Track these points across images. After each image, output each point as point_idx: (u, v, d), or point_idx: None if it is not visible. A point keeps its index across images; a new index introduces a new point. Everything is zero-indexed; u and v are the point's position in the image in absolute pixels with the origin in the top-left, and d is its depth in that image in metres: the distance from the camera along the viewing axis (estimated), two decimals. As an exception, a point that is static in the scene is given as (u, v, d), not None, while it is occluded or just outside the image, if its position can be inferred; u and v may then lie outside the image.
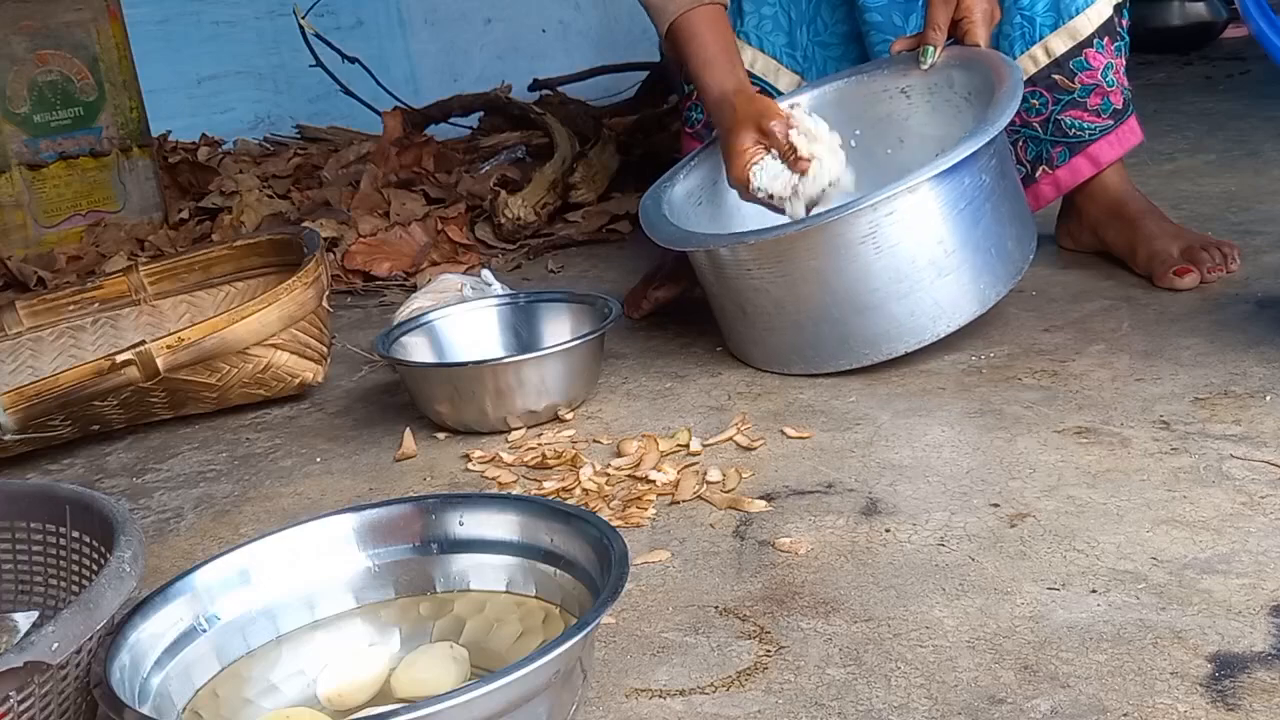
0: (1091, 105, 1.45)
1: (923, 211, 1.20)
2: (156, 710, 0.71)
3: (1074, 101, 1.45)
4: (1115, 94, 1.45)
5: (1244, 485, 0.94)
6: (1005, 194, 1.28)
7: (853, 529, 0.95)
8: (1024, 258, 1.30)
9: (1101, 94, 1.44)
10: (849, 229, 1.19)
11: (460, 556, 0.84)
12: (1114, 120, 1.46)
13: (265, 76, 3.19)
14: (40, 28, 2.18)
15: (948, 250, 1.21)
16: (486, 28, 3.63)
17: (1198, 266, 1.38)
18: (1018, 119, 1.44)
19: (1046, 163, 1.49)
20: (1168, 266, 1.39)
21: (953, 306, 1.23)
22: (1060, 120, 1.45)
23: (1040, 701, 0.71)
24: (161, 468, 1.28)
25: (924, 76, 1.40)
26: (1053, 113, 1.46)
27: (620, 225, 2.05)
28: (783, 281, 1.23)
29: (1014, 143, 1.48)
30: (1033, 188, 1.50)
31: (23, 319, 1.53)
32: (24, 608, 0.88)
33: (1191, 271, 1.38)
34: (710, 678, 0.78)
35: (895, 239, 1.19)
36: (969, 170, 1.21)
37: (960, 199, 1.21)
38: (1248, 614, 0.77)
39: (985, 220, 1.23)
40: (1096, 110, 1.45)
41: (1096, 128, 1.46)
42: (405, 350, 1.31)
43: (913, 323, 1.22)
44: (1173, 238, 1.43)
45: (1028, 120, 1.47)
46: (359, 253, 1.95)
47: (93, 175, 2.26)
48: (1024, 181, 1.47)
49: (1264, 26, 1.16)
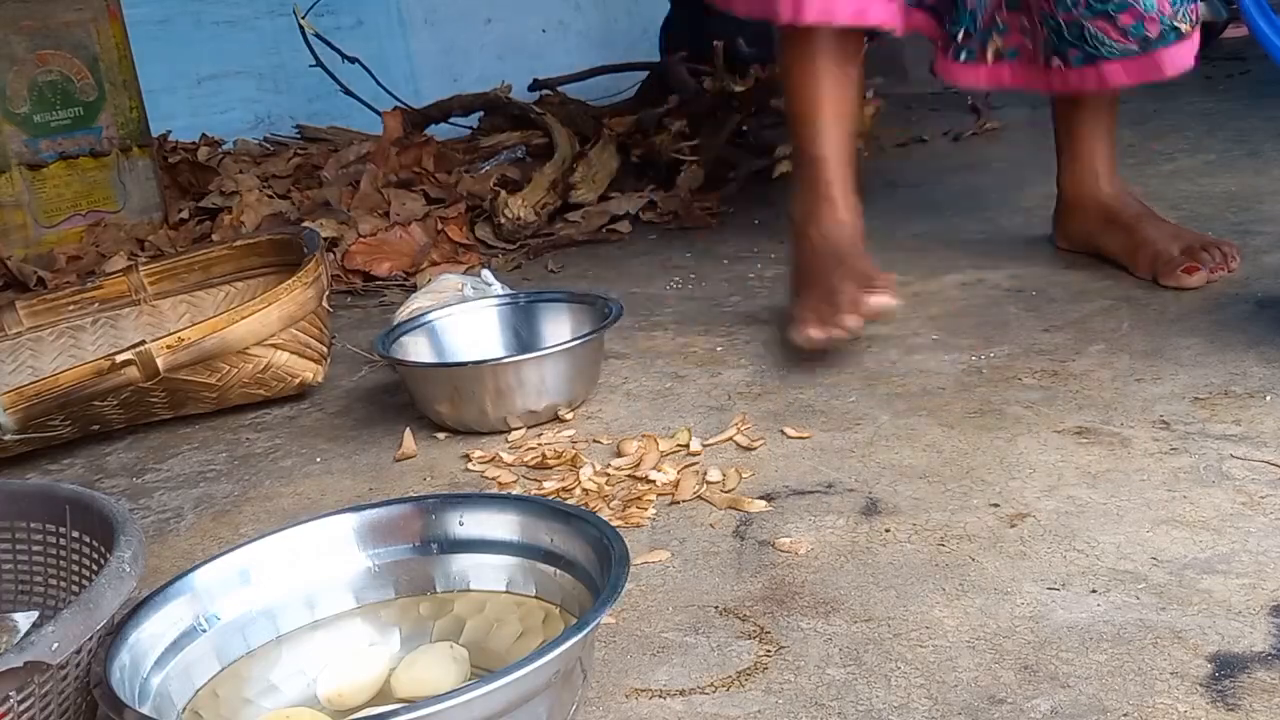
0: (1121, 23, 1.33)
1: None
2: (156, 710, 0.71)
3: (1105, 13, 1.33)
4: (1151, 21, 1.32)
5: (1244, 485, 0.94)
6: None
7: (853, 529, 0.95)
8: None
9: (1135, 15, 1.32)
10: None
11: (460, 556, 0.84)
12: (1139, 47, 1.34)
13: (265, 76, 3.19)
14: (40, 28, 2.17)
15: None
16: (486, 28, 3.63)
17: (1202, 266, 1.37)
18: (1048, 4, 1.36)
19: (1061, 58, 1.39)
20: (1174, 265, 1.38)
21: None
22: (1085, 27, 1.35)
23: (1040, 701, 0.71)
24: (161, 468, 1.28)
25: None
26: (1081, 15, 1.34)
27: (620, 225, 2.05)
28: None
29: (1039, 22, 1.39)
30: (1043, 72, 1.42)
31: (23, 319, 1.53)
32: (24, 608, 0.88)
33: (1199, 269, 1.36)
34: (710, 678, 0.78)
35: None
36: None
37: None
38: (1248, 614, 0.77)
39: None
40: (1125, 30, 1.33)
41: (1117, 48, 1.34)
42: (405, 350, 1.31)
43: None
44: (1172, 238, 1.42)
45: (1054, 13, 1.36)
46: (359, 253, 1.95)
47: (93, 175, 2.26)
48: (1039, 57, 1.40)
49: (1264, 26, 1.16)
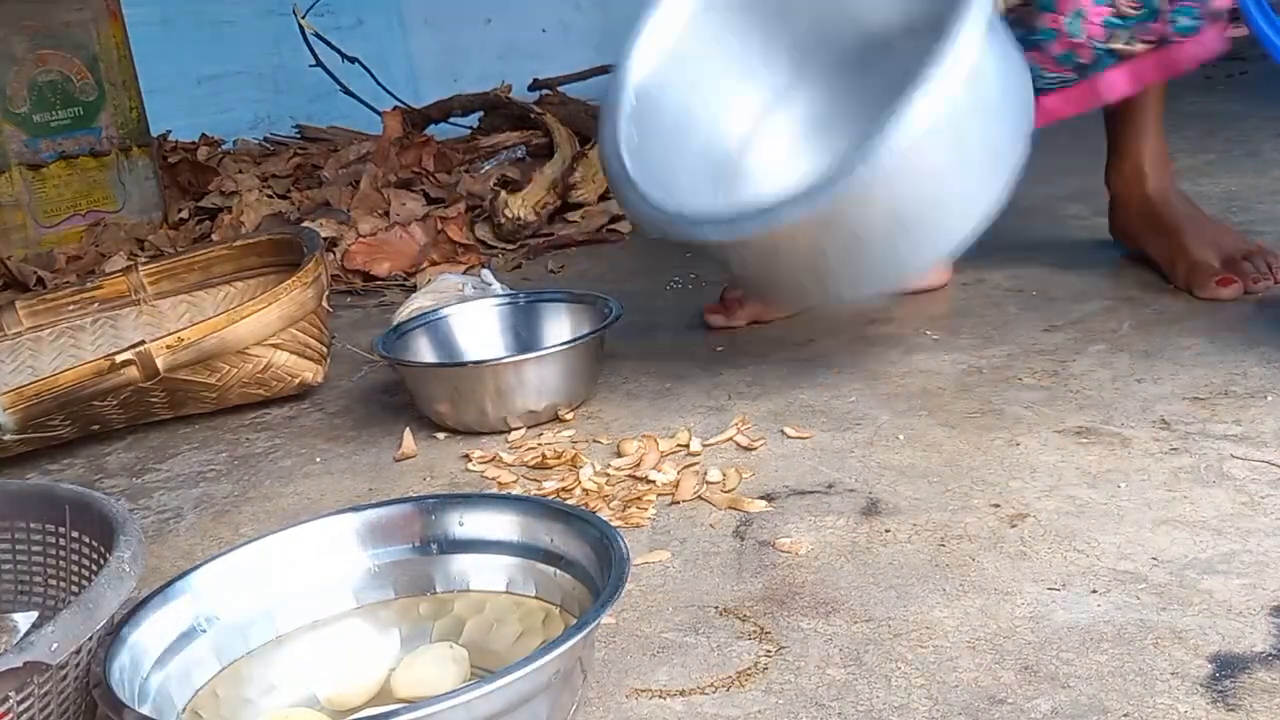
0: (1053, 52, 1.28)
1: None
2: (156, 710, 0.71)
3: (1036, 45, 1.27)
4: (1083, 48, 1.27)
5: (1244, 485, 0.94)
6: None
7: (853, 529, 0.95)
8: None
9: (1065, 44, 1.27)
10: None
11: (460, 557, 0.84)
12: (1076, 74, 1.29)
13: (265, 76, 3.19)
14: (40, 28, 2.18)
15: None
16: (486, 28, 3.63)
17: (1241, 277, 1.33)
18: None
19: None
20: (1209, 277, 1.34)
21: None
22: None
23: (1040, 702, 0.71)
24: (161, 468, 1.28)
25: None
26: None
27: (620, 225, 2.05)
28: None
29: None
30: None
31: (22, 319, 1.53)
32: (24, 608, 0.88)
33: (1235, 282, 1.32)
34: (710, 678, 0.78)
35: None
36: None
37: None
38: (1248, 614, 0.77)
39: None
40: (1057, 59, 1.28)
41: (1054, 78, 1.30)
42: (405, 350, 1.31)
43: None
44: (1213, 247, 1.37)
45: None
46: (359, 253, 1.95)
47: (93, 175, 2.26)
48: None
49: (1264, 26, 1.16)
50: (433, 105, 2.76)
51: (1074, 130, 1.52)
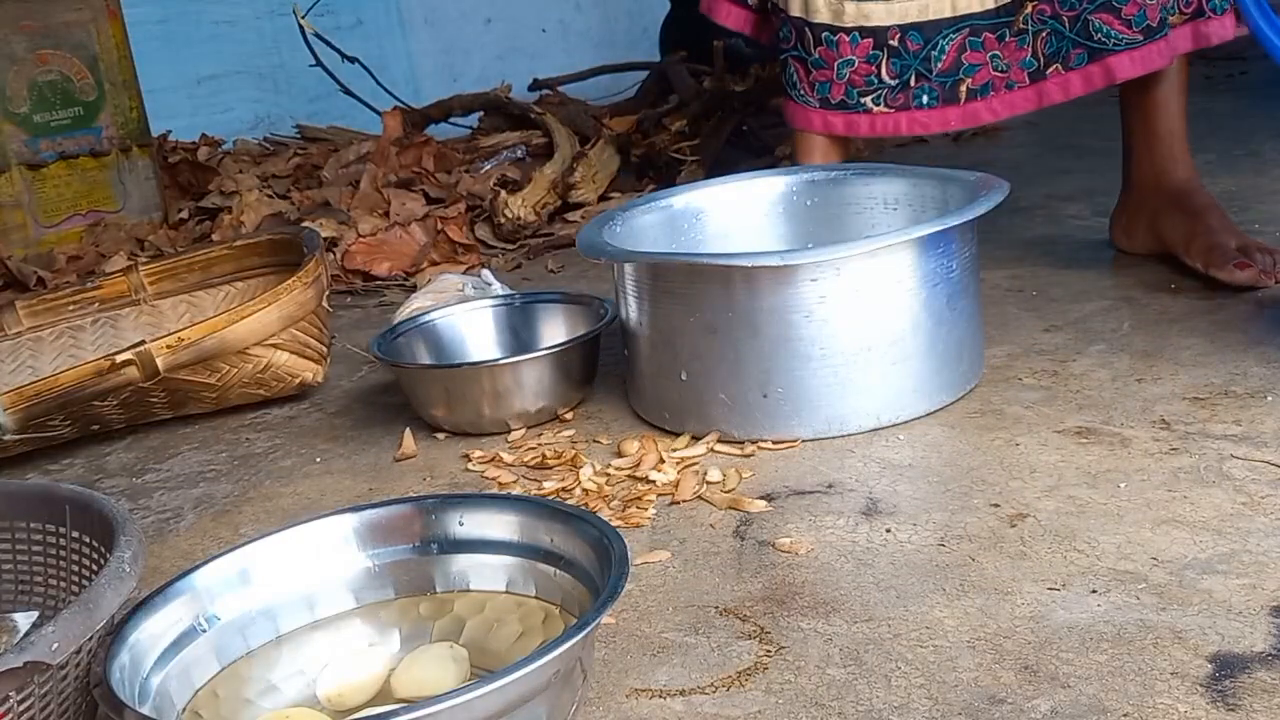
0: (1125, 14, 1.37)
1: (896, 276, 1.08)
2: (156, 710, 0.71)
3: (1108, 4, 1.36)
4: (1153, 8, 1.36)
5: (1244, 485, 0.94)
6: (972, 295, 1.17)
7: (853, 529, 0.95)
8: (975, 376, 1.18)
9: (1138, 6, 1.36)
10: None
11: (460, 556, 0.84)
12: (1144, 36, 1.37)
13: (265, 76, 3.19)
14: (40, 28, 2.18)
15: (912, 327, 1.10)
16: (486, 28, 3.63)
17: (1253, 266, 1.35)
18: (1048, 8, 1.39)
19: (1061, 61, 1.41)
20: (1227, 258, 1.35)
21: (898, 399, 1.12)
22: (1090, 21, 1.37)
23: (1040, 702, 0.71)
24: (161, 468, 1.28)
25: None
26: (1084, 10, 1.38)
27: (620, 225, 2.05)
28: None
29: (1036, 33, 1.41)
30: (1038, 85, 1.43)
31: (22, 319, 1.53)
32: (24, 608, 0.88)
33: (1251, 267, 1.34)
34: (710, 678, 0.78)
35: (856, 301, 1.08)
36: (948, 246, 1.11)
37: (936, 275, 1.10)
38: (1248, 614, 0.77)
39: (956, 308, 1.13)
40: (1129, 21, 1.37)
41: (1123, 39, 1.38)
42: (402, 351, 1.31)
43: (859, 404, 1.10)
44: (1232, 234, 1.40)
45: (1058, 12, 1.39)
46: (359, 253, 1.95)
47: (93, 175, 2.26)
48: (1031, 77, 1.42)
49: (1264, 26, 1.16)
50: (432, 105, 2.76)
51: (1073, 131, 1.53)
